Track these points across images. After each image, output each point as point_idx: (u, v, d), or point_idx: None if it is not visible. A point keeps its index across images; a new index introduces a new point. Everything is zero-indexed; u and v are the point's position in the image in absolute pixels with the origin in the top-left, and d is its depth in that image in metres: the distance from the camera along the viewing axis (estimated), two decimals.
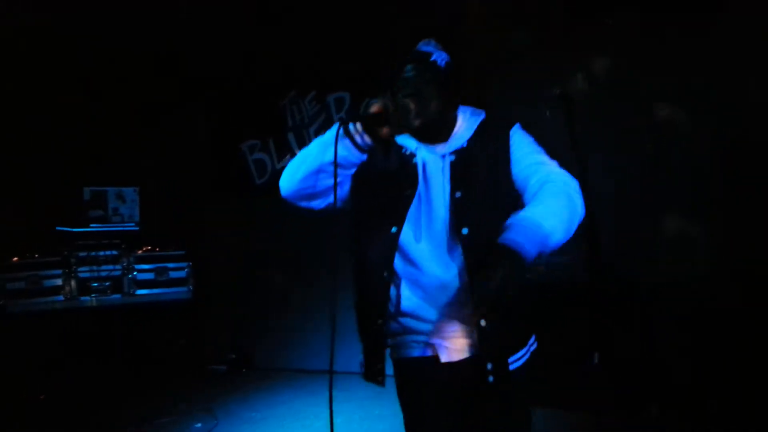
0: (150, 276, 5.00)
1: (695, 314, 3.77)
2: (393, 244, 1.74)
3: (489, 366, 1.68)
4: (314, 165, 1.73)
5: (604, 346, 3.45)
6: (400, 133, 1.71)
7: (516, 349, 1.73)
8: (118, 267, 4.92)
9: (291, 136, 5.55)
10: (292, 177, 1.79)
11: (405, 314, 1.77)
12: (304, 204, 1.85)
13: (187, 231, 5.45)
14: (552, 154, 1.81)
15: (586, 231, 3.46)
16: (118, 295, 4.87)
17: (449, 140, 1.79)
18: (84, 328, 4.88)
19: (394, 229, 1.74)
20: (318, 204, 1.83)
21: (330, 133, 1.72)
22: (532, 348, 1.80)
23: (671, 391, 3.81)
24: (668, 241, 4.15)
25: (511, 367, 1.71)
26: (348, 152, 1.70)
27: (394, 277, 1.76)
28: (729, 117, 3.95)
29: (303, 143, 5.47)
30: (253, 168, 5.72)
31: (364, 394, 4.65)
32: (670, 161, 4.12)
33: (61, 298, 4.74)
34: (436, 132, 1.78)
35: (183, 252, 5.17)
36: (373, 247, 1.78)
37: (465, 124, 1.81)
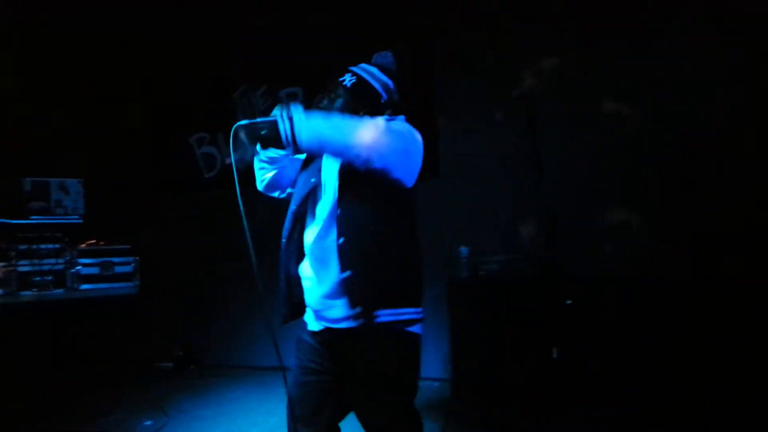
0: (95, 270, 4.83)
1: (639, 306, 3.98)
2: (294, 219, 2.13)
3: (350, 311, 1.97)
4: (255, 165, 2.16)
5: (562, 341, 3.58)
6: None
7: (384, 306, 1.98)
8: (60, 261, 4.74)
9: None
10: (257, 176, 2.21)
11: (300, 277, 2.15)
12: (271, 195, 2.28)
13: (134, 225, 5.31)
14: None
15: (545, 227, 3.63)
16: (60, 290, 4.69)
17: None
18: (24, 324, 4.67)
19: (293, 207, 2.13)
20: (278, 194, 2.28)
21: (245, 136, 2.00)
22: (411, 317, 2.03)
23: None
24: (611, 233, 4.38)
25: (378, 320, 1.96)
26: (272, 151, 2.07)
27: (292, 246, 2.14)
28: (668, 113, 4.23)
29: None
30: (201, 162, 5.62)
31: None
32: (613, 156, 4.35)
33: (2, 291, 4.53)
34: None
35: (129, 246, 5.01)
36: (285, 224, 2.16)
37: None
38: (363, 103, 2.18)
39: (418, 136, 2.15)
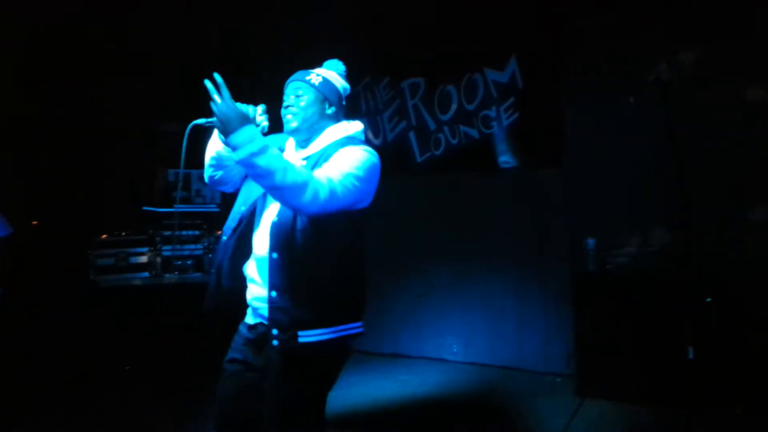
0: None
1: None
2: (240, 220, 2.17)
3: (274, 332, 2.01)
4: (206, 159, 2.19)
5: (699, 341, 3.35)
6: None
7: (309, 327, 2.00)
8: (199, 246, 5.09)
9: (364, 122, 5.58)
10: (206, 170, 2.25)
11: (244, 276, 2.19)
12: (219, 189, 2.33)
13: None
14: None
15: (681, 221, 3.40)
16: (199, 274, 5.04)
17: (308, 147, 2.17)
18: (167, 303, 5.03)
19: (243, 208, 2.18)
20: (226, 188, 2.31)
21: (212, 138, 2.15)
22: (339, 335, 2.05)
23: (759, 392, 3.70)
24: (754, 230, 4.02)
25: (300, 340, 1.99)
26: (222, 150, 2.12)
27: (235, 245, 2.17)
28: None
29: (377, 129, 5.52)
30: None
31: (436, 378, 4.72)
32: (757, 147, 3.98)
33: (147, 274, 4.95)
34: (302, 138, 2.18)
35: None
36: (227, 221, 2.21)
37: (327, 137, 2.16)
38: (330, 99, 2.20)
39: (377, 160, 2.17)
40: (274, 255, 2.03)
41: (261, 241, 2.12)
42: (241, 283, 2.19)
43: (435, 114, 5.23)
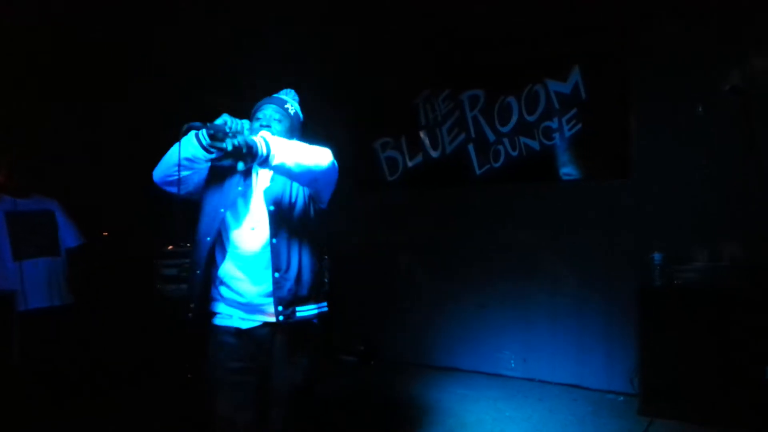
0: None
1: None
2: (220, 222, 2.38)
3: (279, 308, 2.33)
4: (173, 159, 2.29)
5: None
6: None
7: (304, 303, 2.39)
8: None
9: (423, 135, 5.60)
10: (160, 167, 2.38)
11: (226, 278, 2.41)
12: (168, 189, 2.41)
13: (332, 223, 5.62)
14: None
15: (757, 233, 3.25)
16: None
17: None
18: None
19: (222, 210, 2.39)
20: (176, 190, 2.36)
21: (188, 137, 2.28)
22: (322, 311, 2.48)
23: None
24: None
25: (298, 315, 2.36)
26: (198, 152, 2.29)
27: (218, 247, 2.41)
28: None
29: (435, 141, 5.51)
30: (384, 165, 5.83)
31: (494, 394, 4.64)
32: None
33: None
34: None
35: None
36: (206, 223, 2.41)
37: None
38: (297, 128, 2.59)
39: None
40: (275, 241, 2.35)
41: (253, 238, 2.38)
42: (212, 284, 2.45)
43: (495, 126, 5.18)
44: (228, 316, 2.40)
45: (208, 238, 2.38)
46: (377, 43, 5.55)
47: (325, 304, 2.51)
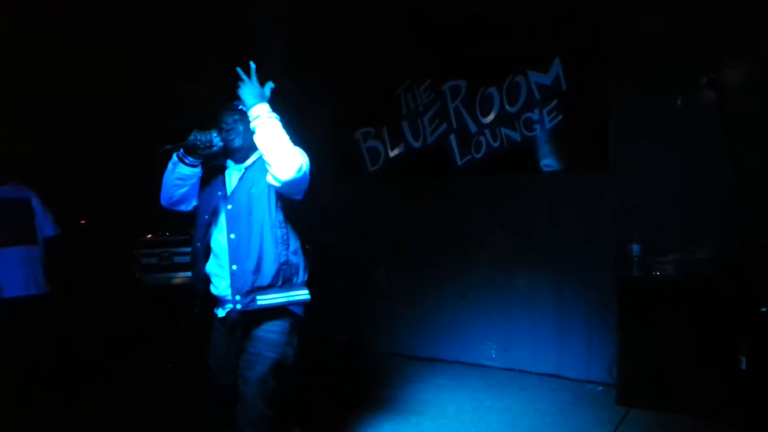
0: None
1: None
2: (206, 227, 2.70)
3: (237, 297, 2.60)
4: (168, 182, 2.68)
5: (753, 352, 3.23)
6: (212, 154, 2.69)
7: (265, 291, 2.61)
8: None
9: (405, 125, 5.58)
10: (162, 193, 2.74)
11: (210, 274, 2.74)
12: (177, 209, 2.80)
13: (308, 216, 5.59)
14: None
15: (736, 227, 3.29)
16: None
17: (246, 160, 2.75)
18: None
19: (206, 217, 2.70)
20: (184, 207, 2.80)
21: (170, 163, 2.65)
22: (291, 299, 2.67)
23: None
24: None
25: (258, 303, 2.60)
26: (183, 170, 2.64)
27: (203, 250, 2.72)
28: None
29: (417, 132, 5.49)
30: (366, 155, 5.81)
31: (474, 384, 4.67)
32: None
33: (190, 274, 5.01)
34: (241, 156, 2.76)
35: None
36: (196, 231, 2.74)
37: (258, 152, 2.67)
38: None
39: None
40: (232, 236, 2.62)
41: (219, 237, 2.68)
42: (208, 282, 2.76)
43: (476, 116, 5.18)
44: (215, 307, 2.77)
45: (198, 244, 2.73)
46: (358, 32, 5.53)
47: (300, 293, 2.71)
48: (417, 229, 5.46)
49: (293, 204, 2.70)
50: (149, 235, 5.11)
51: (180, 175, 2.65)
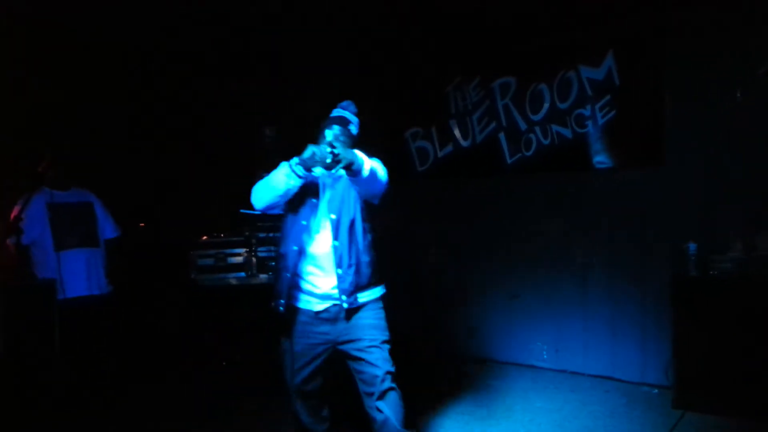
0: None
1: None
2: (303, 231, 2.93)
3: (343, 297, 2.91)
4: (275, 191, 2.83)
5: None
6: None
7: (364, 290, 2.96)
8: None
9: (453, 124, 5.56)
10: (262, 199, 2.89)
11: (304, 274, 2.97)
12: (269, 213, 2.99)
13: None
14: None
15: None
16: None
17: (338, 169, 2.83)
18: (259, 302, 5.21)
19: (304, 222, 2.93)
20: (276, 211, 2.99)
21: (282, 174, 2.80)
22: (382, 293, 3.07)
23: None
24: None
25: (360, 301, 2.94)
26: (298, 182, 2.82)
27: (300, 251, 2.93)
28: None
29: (465, 131, 5.46)
30: (415, 155, 5.82)
31: (525, 385, 4.61)
32: None
33: (243, 274, 5.16)
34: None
35: None
36: (293, 235, 2.94)
37: None
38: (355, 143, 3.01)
39: None
40: (336, 243, 2.88)
41: (319, 242, 2.92)
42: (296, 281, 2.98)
43: (526, 114, 5.12)
44: (307, 302, 2.96)
45: (295, 247, 2.92)
46: (407, 31, 5.54)
47: (382, 286, 3.09)
48: (466, 229, 5.44)
49: (370, 208, 3.03)
50: (205, 237, 5.26)
51: (291, 187, 2.81)
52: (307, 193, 2.95)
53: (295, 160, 2.77)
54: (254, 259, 5.17)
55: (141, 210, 5.50)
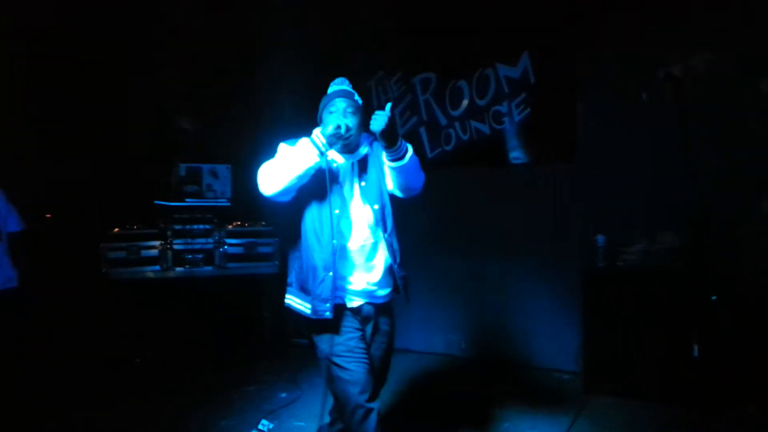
0: (240, 250, 5.16)
1: None
2: (337, 225, 2.55)
3: (377, 293, 2.68)
4: (289, 174, 2.44)
5: (705, 339, 3.31)
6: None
7: (386, 288, 2.71)
8: (210, 240, 5.11)
9: None
10: (273, 183, 2.47)
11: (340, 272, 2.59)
12: (280, 199, 2.54)
13: (275, 207, 5.57)
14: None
15: (692, 216, 3.36)
16: (209, 267, 5.07)
17: (355, 152, 2.66)
18: (176, 297, 5.07)
19: (336, 212, 2.54)
20: (287, 198, 2.55)
21: (301, 152, 2.45)
22: (393, 296, 2.79)
23: None
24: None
25: (385, 300, 2.73)
26: (320, 161, 2.47)
27: (335, 242, 2.53)
28: None
29: None
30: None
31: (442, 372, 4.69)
32: None
33: (158, 267, 4.98)
34: (348, 147, 2.61)
35: (271, 228, 5.28)
36: (326, 228, 2.54)
37: (364, 142, 2.69)
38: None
39: None
40: (386, 235, 2.64)
41: (357, 234, 2.60)
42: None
43: (446, 109, 5.21)
44: (340, 298, 2.59)
45: (335, 241, 2.52)
46: (332, 25, 5.52)
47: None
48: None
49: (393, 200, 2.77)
50: (116, 229, 5.05)
51: (313, 166, 2.46)
52: (331, 178, 2.52)
53: (316, 135, 2.47)
54: (170, 252, 5.01)
55: (48, 201, 5.21)
